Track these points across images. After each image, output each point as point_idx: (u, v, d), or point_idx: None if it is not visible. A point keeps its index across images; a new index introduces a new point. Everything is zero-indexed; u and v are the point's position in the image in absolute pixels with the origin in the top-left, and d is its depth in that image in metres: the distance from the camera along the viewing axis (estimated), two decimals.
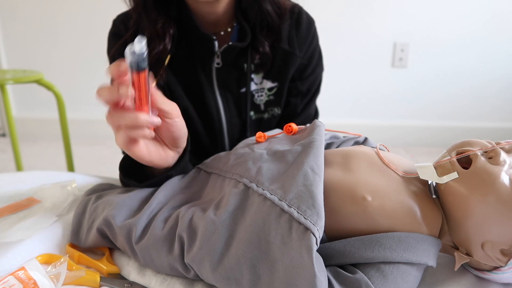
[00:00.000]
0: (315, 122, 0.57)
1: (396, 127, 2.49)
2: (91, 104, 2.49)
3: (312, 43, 0.88)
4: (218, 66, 0.83)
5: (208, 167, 0.60)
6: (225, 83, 0.84)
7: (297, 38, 0.85)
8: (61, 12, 2.37)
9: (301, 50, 0.86)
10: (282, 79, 0.86)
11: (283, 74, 0.85)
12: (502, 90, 2.44)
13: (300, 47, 0.85)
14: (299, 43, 0.85)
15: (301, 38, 0.86)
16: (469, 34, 2.35)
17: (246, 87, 0.84)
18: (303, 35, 0.86)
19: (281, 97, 0.87)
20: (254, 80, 0.85)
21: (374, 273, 0.42)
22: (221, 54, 0.81)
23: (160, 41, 0.76)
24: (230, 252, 0.44)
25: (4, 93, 1.67)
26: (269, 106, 0.88)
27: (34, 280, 0.46)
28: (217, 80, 0.84)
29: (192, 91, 0.83)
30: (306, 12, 0.89)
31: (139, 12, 0.78)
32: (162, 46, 0.77)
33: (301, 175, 0.45)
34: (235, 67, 0.83)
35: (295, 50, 0.85)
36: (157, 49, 0.76)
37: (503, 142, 0.46)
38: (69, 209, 0.64)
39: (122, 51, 0.79)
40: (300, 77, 0.88)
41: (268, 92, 0.87)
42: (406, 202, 0.46)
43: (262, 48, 0.81)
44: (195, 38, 0.80)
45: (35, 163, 2.19)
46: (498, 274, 0.47)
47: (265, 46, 0.81)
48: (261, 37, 0.81)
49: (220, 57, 0.82)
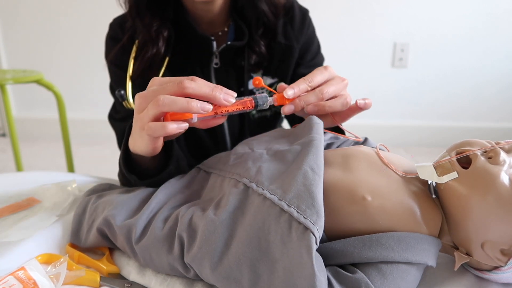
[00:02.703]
0: (312, 119, 0.56)
1: (396, 127, 2.49)
2: (91, 104, 2.50)
3: (308, 31, 0.88)
4: (217, 67, 0.83)
5: (207, 167, 0.60)
6: (224, 83, 0.83)
7: (293, 30, 0.85)
8: (61, 12, 2.37)
9: (298, 42, 0.86)
10: (283, 74, 0.86)
11: (283, 69, 0.86)
12: (502, 90, 2.44)
13: (297, 38, 0.86)
14: (295, 35, 0.85)
15: (297, 30, 0.86)
16: (469, 34, 2.35)
17: (243, 87, 0.84)
18: (298, 26, 0.86)
19: None
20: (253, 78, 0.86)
21: (374, 273, 0.43)
22: (219, 54, 0.81)
23: (153, 45, 0.76)
24: (230, 252, 0.44)
25: (4, 93, 1.67)
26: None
27: (34, 280, 0.46)
28: (216, 81, 0.84)
29: None
30: (298, 4, 0.89)
31: (132, 16, 0.78)
32: (156, 49, 0.76)
33: (301, 175, 0.45)
34: (233, 66, 0.83)
35: (293, 42, 0.84)
36: (150, 52, 0.76)
37: (502, 142, 0.46)
38: (69, 209, 0.64)
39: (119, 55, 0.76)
40: (302, 62, 0.88)
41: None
42: (406, 202, 0.46)
43: (258, 48, 0.81)
44: (193, 39, 0.80)
45: (35, 163, 2.19)
46: (498, 274, 0.47)
47: (260, 46, 0.81)
48: (257, 37, 0.81)
49: (218, 57, 0.82)
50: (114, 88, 0.83)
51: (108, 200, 0.57)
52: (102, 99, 2.50)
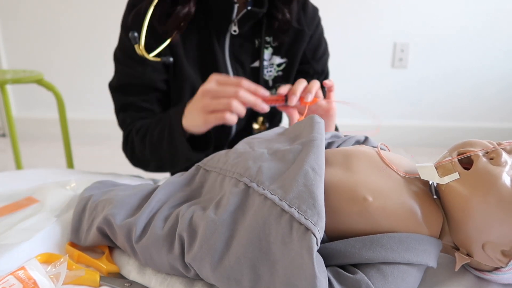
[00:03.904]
0: (314, 118, 0.57)
1: (396, 127, 2.49)
2: (91, 104, 2.50)
3: (319, 26, 0.95)
4: (235, 34, 0.85)
5: (207, 166, 0.60)
6: (237, 56, 0.88)
7: (305, 17, 0.91)
8: (61, 12, 2.37)
9: (310, 29, 0.91)
10: (292, 56, 0.91)
11: (293, 51, 0.90)
12: (502, 90, 2.44)
13: (309, 26, 0.91)
14: (307, 22, 0.91)
15: (309, 18, 0.91)
16: (469, 34, 2.35)
17: (259, 61, 0.88)
18: (310, 16, 0.92)
19: (289, 73, 0.92)
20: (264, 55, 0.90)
21: (375, 273, 0.42)
22: (238, 21, 0.84)
23: (184, 5, 0.79)
24: (230, 252, 0.44)
25: (4, 93, 1.66)
26: (276, 82, 0.92)
27: (34, 280, 0.46)
28: (229, 52, 0.87)
29: (204, 57, 0.86)
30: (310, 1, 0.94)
31: None
32: (187, 9, 0.80)
33: (302, 175, 0.45)
34: (249, 40, 0.87)
35: (304, 27, 0.90)
36: (182, 12, 0.79)
37: (504, 143, 0.46)
38: (68, 208, 0.64)
39: (136, 21, 0.81)
40: (313, 57, 0.94)
41: (277, 68, 0.91)
42: (407, 203, 0.46)
43: (282, 15, 0.85)
44: (214, 3, 0.82)
45: (35, 163, 2.19)
46: (499, 274, 0.47)
47: (284, 12, 0.85)
48: (280, 4, 0.85)
49: (237, 25, 0.84)
50: (119, 49, 0.87)
51: (108, 199, 0.57)
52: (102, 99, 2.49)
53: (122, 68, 0.87)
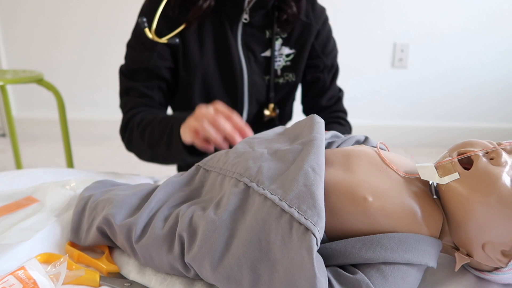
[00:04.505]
0: (314, 118, 0.57)
1: (396, 127, 2.49)
2: (91, 104, 2.50)
3: (327, 23, 1.00)
4: (246, 22, 0.89)
5: (207, 165, 0.60)
6: (249, 45, 0.92)
7: (313, 13, 0.96)
8: (61, 12, 2.37)
9: (317, 23, 0.97)
10: (300, 47, 0.96)
11: (301, 43, 0.95)
12: (502, 90, 2.44)
13: (316, 20, 0.96)
14: (315, 17, 0.96)
15: (317, 14, 0.97)
16: (469, 35, 2.35)
17: (271, 50, 0.92)
18: (318, 12, 0.97)
19: (297, 64, 0.96)
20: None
21: (375, 273, 0.42)
22: (249, 11, 0.87)
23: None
24: (230, 252, 0.44)
25: (4, 93, 1.66)
26: (285, 71, 0.97)
27: (34, 280, 0.46)
28: (241, 41, 0.90)
29: (218, 45, 0.90)
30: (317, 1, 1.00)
31: None
32: (208, 2, 0.84)
33: (302, 175, 0.45)
34: (260, 30, 0.91)
35: (312, 21, 0.95)
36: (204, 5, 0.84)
37: (504, 143, 0.46)
38: (68, 208, 0.64)
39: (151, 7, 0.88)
40: (323, 51, 0.99)
41: (285, 58, 0.96)
42: (407, 203, 0.46)
43: (290, 9, 0.89)
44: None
45: (35, 163, 2.19)
46: (499, 274, 0.47)
47: (292, 6, 0.90)
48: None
49: (248, 14, 0.88)
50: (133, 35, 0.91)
51: (108, 198, 0.57)
52: (102, 99, 2.50)
53: (132, 53, 0.92)
